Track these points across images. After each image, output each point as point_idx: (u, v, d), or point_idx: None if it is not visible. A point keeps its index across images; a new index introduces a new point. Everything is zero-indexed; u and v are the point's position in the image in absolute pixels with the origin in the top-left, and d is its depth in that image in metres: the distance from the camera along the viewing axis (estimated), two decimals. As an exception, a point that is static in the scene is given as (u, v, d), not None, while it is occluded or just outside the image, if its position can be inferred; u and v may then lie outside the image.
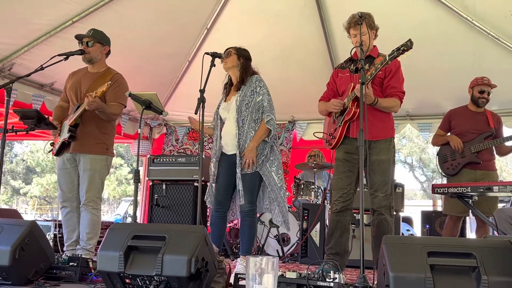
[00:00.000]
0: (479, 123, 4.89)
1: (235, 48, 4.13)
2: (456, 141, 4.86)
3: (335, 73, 4.01)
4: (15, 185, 29.47)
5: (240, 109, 3.95)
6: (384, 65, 3.43)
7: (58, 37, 5.24)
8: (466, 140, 4.85)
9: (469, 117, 4.94)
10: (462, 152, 4.82)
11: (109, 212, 27.18)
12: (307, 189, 6.22)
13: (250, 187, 3.92)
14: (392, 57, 3.34)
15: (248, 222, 3.96)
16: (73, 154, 4.02)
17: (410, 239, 2.47)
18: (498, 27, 5.28)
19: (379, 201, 3.63)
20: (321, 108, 4.03)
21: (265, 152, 3.98)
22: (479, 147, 4.76)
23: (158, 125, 8.21)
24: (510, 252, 2.17)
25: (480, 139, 4.80)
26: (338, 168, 3.81)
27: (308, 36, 6.16)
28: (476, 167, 4.79)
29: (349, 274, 4.21)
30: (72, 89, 4.13)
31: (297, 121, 7.62)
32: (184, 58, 6.68)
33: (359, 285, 2.59)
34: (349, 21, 3.73)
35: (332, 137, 3.83)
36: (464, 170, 4.83)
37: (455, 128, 4.99)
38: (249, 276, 2.24)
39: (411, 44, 3.26)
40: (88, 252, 3.87)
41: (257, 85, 4.02)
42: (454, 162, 4.87)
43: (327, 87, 4.07)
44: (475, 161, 4.77)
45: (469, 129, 4.88)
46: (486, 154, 4.81)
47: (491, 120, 4.88)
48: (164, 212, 5.94)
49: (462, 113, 5.02)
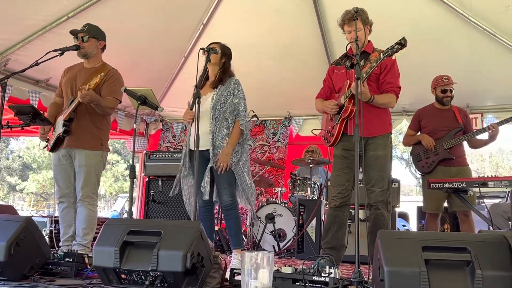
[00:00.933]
0: (447, 120, 4.96)
1: (220, 45, 4.10)
2: (427, 140, 4.92)
3: (331, 70, 4.01)
4: (11, 181, 29.41)
5: (215, 107, 3.99)
6: (378, 63, 3.45)
7: (54, 33, 5.23)
8: (437, 138, 4.91)
9: (437, 115, 5.02)
10: (435, 150, 4.88)
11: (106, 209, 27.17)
12: (303, 184, 6.22)
13: (229, 181, 3.99)
14: (386, 55, 3.36)
15: (233, 216, 4.03)
16: (68, 149, 4.01)
17: (405, 234, 2.48)
18: (494, 22, 5.29)
19: (376, 196, 3.65)
20: (318, 106, 4.06)
21: (238, 154, 4.03)
22: (451, 143, 4.83)
23: (154, 121, 8.21)
24: (504, 246, 2.18)
25: (450, 135, 4.87)
26: (336, 165, 3.84)
27: (304, 32, 6.17)
28: (450, 164, 4.85)
29: (344, 269, 4.22)
30: (67, 84, 4.11)
31: (293, 117, 7.63)
32: (180, 54, 6.67)
33: (355, 280, 2.60)
34: (343, 17, 3.72)
35: (330, 134, 3.85)
36: (439, 167, 4.89)
37: (425, 127, 5.06)
38: (244, 271, 2.25)
39: (405, 42, 3.27)
40: (84, 248, 3.87)
41: (236, 88, 4.07)
42: (429, 160, 4.93)
43: (323, 84, 4.08)
44: (449, 157, 4.82)
45: (439, 127, 4.95)
46: (458, 150, 4.88)
47: (458, 115, 4.95)
48: (160, 208, 5.94)
49: (430, 111, 5.10)
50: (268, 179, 7.12)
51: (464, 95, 5.11)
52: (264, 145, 7.82)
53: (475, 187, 3.98)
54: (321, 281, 2.53)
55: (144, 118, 8.08)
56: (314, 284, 2.53)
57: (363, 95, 3.49)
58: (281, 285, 2.57)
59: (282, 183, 7.39)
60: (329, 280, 2.51)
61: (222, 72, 4.09)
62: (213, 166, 3.94)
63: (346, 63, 3.85)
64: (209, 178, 3.96)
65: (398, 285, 2.10)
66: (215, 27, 6.22)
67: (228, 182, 3.99)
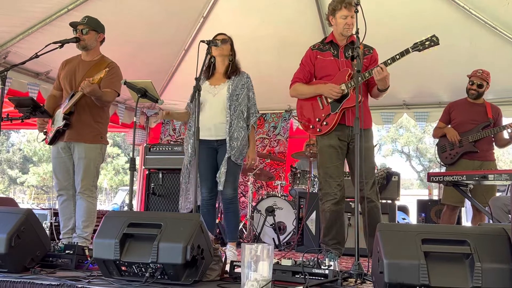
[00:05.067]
0: (477, 114, 4.93)
1: (230, 38, 4.13)
2: (452, 133, 4.92)
3: (313, 55, 3.88)
4: (12, 174, 29.42)
5: (231, 97, 3.99)
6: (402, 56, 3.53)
7: (54, 25, 5.21)
8: (464, 130, 4.90)
9: (467, 108, 4.99)
10: (460, 142, 4.87)
11: (107, 202, 27.20)
12: (303, 178, 6.23)
13: (234, 174, 4.00)
14: (416, 50, 3.45)
15: (233, 209, 4.04)
16: (67, 142, 4.01)
17: (405, 227, 2.49)
18: (495, 15, 5.27)
19: (369, 188, 3.65)
20: (302, 90, 3.87)
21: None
22: (477, 136, 4.81)
23: (155, 114, 8.19)
24: (504, 239, 2.18)
25: (478, 129, 4.85)
26: (332, 155, 3.73)
27: (304, 24, 6.14)
28: (474, 157, 4.83)
29: (344, 262, 4.23)
30: (66, 77, 4.11)
31: (294, 110, 7.59)
32: (180, 47, 6.65)
33: (354, 272, 2.61)
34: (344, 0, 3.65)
35: (324, 123, 3.74)
36: (462, 160, 4.88)
37: (455, 119, 5.04)
38: (244, 264, 2.25)
39: (438, 40, 3.30)
40: (84, 240, 3.88)
41: (249, 82, 4.13)
42: (453, 151, 4.92)
43: (302, 67, 3.92)
44: (473, 150, 4.81)
45: (468, 120, 4.93)
46: (484, 144, 4.85)
47: (489, 111, 4.92)
48: (160, 201, 5.95)
49: (461, 104, 5.07)
50: (269, 172, 7.12)
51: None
52: (265, 139, 7.83)
53: (476, 180, 3.97)
54: (321, 274, 2.53)
55: (145, 111, 8.07)
56: (313, 277, 2.53)
57: (386, 82, 3.53)
58: (280, 278, 2.57)
59: (283, 177, 7.40)
60: (328, 273, 2.51)
61: (234, 63, 4.11)
62: (230, 156, 3.93)
63: (332, 50, 3.80)
64: (226, 169, 3.93)
65: (397, 277, 2.10)
66: (216, 19, 6.20)
67: (234, 176, 4.00)
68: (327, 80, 3.76)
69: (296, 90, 3.91)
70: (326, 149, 3.76)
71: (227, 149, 3.93)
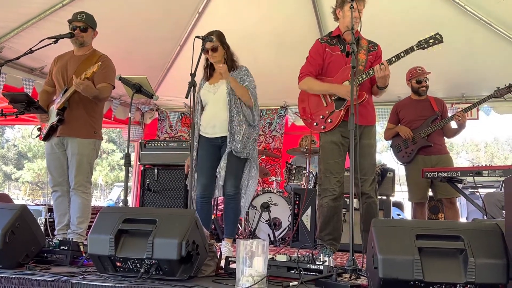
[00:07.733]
0: (424, 110, 5.07)
1: (217, 37, 4.05)
2: (404, 130, 5.03)
3: (322, 48, 3.84)
4: (6, 170, 29.35)
5: (231, 92, 4.00)
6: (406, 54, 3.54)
7: (48, 20, 5.18)
8: (415, 127, 5.01)
9: (414, 106, 5.12)
10: (413, 139, 4.97)
11: (102, 198, 27.17)
12: (298, 174, 6.24)
13: (236, 171, 3.98)
14: (420, 48, 3.49)
15: (233, 206, 4.02)
16: (61, 138, 4.00)
17: (399, 222, 2.49)
18: (491, 12, 5.28)
19: (369, 184, 3.67)
20: (314, 86, 3.81)
21: (253, 137, 4.08)
22: (428, 130, 4.93)
23: (150, 110, 8.17)
24: (497, 235, 2.20)
25: (427, 123, 4.97)
26: (334, 152, 3.74)
27: (301, 20, 6.13)
28: (430, 152, 4.94)
29: (339, 257, 4.24)
30: (58, 73, 4.09)
31: (289, 106, 7.61)
32: (175, 43, 6.63)
33: (349, 268, 2.62)
34: None
35: (328, 120, 3.75)
36: (419, 156, 4.97)
37: (404, 118, 5.15)
38: (239, 259, 2.26)
39: (441, 38, 3.31)
40: (79, 236, 3.87)
41: (245, 74, 4.11)
42: (408, 149, 5.02)
43: (312, 60, 3.87)
44: (427, 144, 4.92)
45: (416, 117, 5.05)
46: (436, 137, 4.97)
47: (434, 105, 5.05)
48: (155, 197, 5.95)
49: (407, 103, 5.21)
50: (264, 168, 7.13)
51: (460, 85, 5.11)
52: (260, 135, 7.82)
53: (470, 176, 4.01)
54: (316, 269, 2.54)
55: (139, 107, 8.05)
56: (308, 272, 2.54)
57: (386, 80, 3.55)
58: (275, 273, 2.58)
59: (278, 173, 7.41)
60: (323, 268, 2.52)
61: (230, 62, 4.10)
62: (231, 150, 3.93)
63: (339, 45, 3.80)
64: (225, 163, 3.92)
65: (391, 272, 2.11)
66: (211, 15, 6.18)
67: (236, 171, 3.98)
68: (337, 76, 3.76)
69: (307, 84, 3.85)
70: (328, 145, 3.77)
71: (228, 143, 3.94)
